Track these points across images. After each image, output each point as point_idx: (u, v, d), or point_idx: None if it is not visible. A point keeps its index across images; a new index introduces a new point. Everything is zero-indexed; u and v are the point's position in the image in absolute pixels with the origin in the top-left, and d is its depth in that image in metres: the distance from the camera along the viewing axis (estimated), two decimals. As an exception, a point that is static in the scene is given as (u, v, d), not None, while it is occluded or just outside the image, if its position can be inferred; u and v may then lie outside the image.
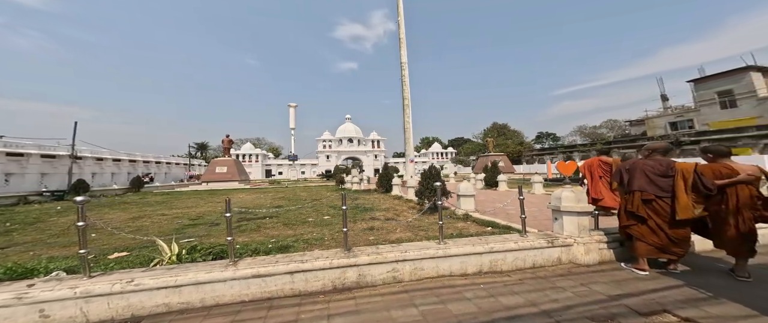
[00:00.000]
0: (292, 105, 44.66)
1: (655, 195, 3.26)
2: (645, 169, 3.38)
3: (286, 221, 6.82)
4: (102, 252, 4.23)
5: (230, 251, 2.99)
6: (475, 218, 6.18)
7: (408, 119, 21.25)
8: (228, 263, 2.96)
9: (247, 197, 14.17)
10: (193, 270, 2.81)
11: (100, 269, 3.14)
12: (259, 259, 3.14)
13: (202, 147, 69.06)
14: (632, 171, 3.47)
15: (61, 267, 3.03)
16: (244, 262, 3.02)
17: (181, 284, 2.68)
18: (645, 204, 3.29)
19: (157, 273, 2.76)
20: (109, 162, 30.97)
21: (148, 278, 2.65)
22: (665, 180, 3.25)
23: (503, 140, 56.73)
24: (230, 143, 29.89)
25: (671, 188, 3.18)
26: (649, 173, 3.34)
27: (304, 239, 4.89)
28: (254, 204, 10.90)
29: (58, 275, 2.83)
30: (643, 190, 3.31)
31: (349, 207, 9.02)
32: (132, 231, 6.14)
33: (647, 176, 3.33)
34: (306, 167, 61.59)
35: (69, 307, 2.44)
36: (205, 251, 3.46)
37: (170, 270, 2.87)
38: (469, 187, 6.80)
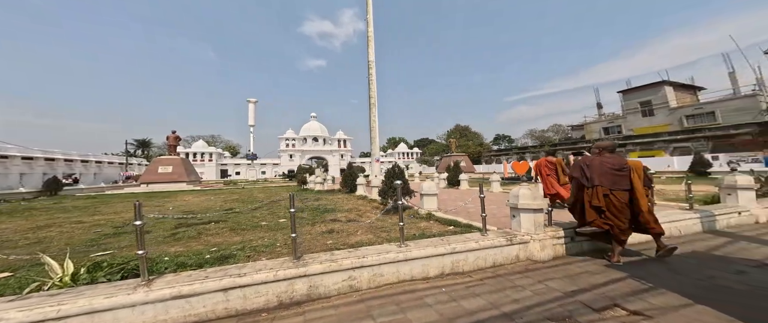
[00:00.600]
0: (252, 100, 41.73)
1: (610, 189, 3.59)
2: (603, 165, 3.68)
3: (234, 225, 6.10)
4: None
5: (142, 267, 2.40)
6: (437, 217, 6.12)
7: (374, 118, 21.04)
8: (139, 283, 2.38)
9: (194, 199, 12.69)
10: (88, 295, 2.19)
11: None
12: (183, 275, 2.59)
13: (143, 145, 61.27)
14: (592, 168, 3.72)
15: None
16: (163, 280, 2.46)
17: (68, 314, 2.05)
18: (604, 198, 3.59)
19: (32, 302, 2.09)
20: (16, 161, 25.80)
21: (14, 310, 1.98)
22: (621, 175, 3.59)
23: (465, 142, 59.62)
24: (177, 140, 26.76)
25: (627, 181, 3.56)
26: (608, 168, 3.65)
27: (253, 246, 4.34)
28: (201, 207, 9.72)
29: None
30: (603, 185, 3.60)
31: (310, 209, 8.48)
32: (28, 244, 4.94)
33: (606, 172, 3.63)
34: (267, 167, 58.14)
35: None
36: (114, 267, 2.79)
37: (54, 296, 2.20)
38: (432, 186, 6.75)
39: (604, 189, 3.58)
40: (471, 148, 56.36)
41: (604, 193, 3.59)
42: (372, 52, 21.04)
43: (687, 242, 4.39)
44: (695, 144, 27.69)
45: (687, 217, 4.89)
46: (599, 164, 3.70)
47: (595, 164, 3.72)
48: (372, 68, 20.83)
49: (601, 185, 3.61)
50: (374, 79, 20.51)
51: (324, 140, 63.60)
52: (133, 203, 2.40)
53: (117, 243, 4.78)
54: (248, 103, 41.78)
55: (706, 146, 26.89)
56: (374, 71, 20.85)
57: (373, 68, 20.78)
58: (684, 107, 31.42)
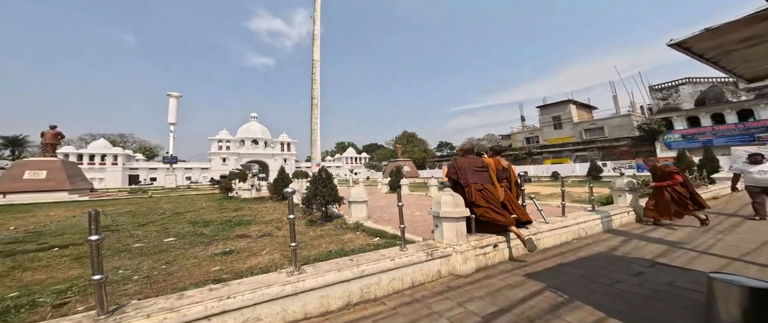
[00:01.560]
0: (174, 95, 35.75)
1: (483, 185, 4.00)
2: (471, 166, 4.11)
3: (84, 252, 4.45)
4: None
5: None
6: (365, 227, 5.50)
7: (316, 119, 19.81)
8: None
9: (59, 213, 9.68)
10: None
11: None
12: None
13: (13, 143, 47.20)
14: (464, 169, 4.11)
15: None
16: None
17: None
18: (479, 192, 3.96)
19: None
20: None
21: None
22: (484, 173, 4.11)
23: (411, 147, 61.69)
24: (56, 138, 20.99)
25: (488, 178, 4.10)
26: (474, 168, 4.10)
27: (82, 285, 3.01)
28: (65, 225, 7.28)
29: None
30: (475, 182, 4.01)
31: (219, 222, 7.03)
32: None
33: (474, 171, 4.08)
34: (193, 172, 50.65)
35: None
36: None
37: None
38: (361, 192, 6.13)
39: (478, 186, 3.99)
40: (416, 154, 58.52)
41: (478, 189, 3.99)
42: (317, 50, 19.94)
43: (593, 243, 4.61)
44: (590, 153, 33.48)
45: (591, 218, 5.22)
46: (467, 165, 4.12)
47: (464, 165, 4.12)
48: (316, 68, 19.70)
49: (475, 183, 4.01)
50: (318, 78, 19.40)
51: (265, 143, 58.55)
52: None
53: None
54: (169, 97, 35.66)
55: (598, 155, 32.74)
56: (318, 71, 19.74)
57: (317, 68, 19.67)
58: (583, 122, 37.89)
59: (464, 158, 4.26)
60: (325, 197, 6.30)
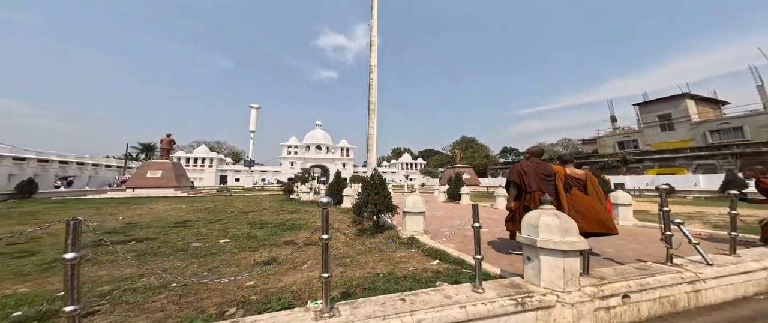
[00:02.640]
0: (254, 106, 41.16)
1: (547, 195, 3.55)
2: (538, 172, 3.87)
3: (154, 248, 4.67)
4: None
5: None
6: (421, 244, 4.59)
7: (372, 124, 19.77)
8: None
9: (161, 207, 11.37)
10: None
11: None
12: None
13: (147, 149, 61.27)
14: (530, 174, 3.88)
15: None
16: None
17: None
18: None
19: None
20: (7, 161, 25.22)
21: None
22: (550, 182, 3.83)
23: (470, 153, 57.79)
24: (170, 144, 25.90)
25: (553, 188, 3.78)
26: (542, 176, 3.85)
27: (111, 291, 2.89)
28: (152, 218, 8.36)
29: None
30: (540, 190, 3.74)
31: (273, 224, 7.03)
32: None
33: (541, 179, 3.85)
34: (267, 174, 57.20)
35: None
36: None
37: None
38: (418, 202, 5.23)
39: (540, 193, 3.67)
40: (476, 160, 54.44)
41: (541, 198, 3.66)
42: (374, 56, 20.02)
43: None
44: (722, 161, 25.40)
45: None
46: (533, 170, 3.90)
47: (529, 171, 3.90)
48: (373, 73, 19.76)
49: (539, 191, 3.75)
50: (375, 84, 19.40)
51: (327, 149, 62.67)
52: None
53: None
54: (251, 109, 41.20)
55: (734, 164, 24.59)
56: (375, 76, 19.77)
57: (374, 73, 19.72)
58: (708, 121, 29.20)
59: (530, 163, 4.05)
60: (377, 205, 5.63)
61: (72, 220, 1.49)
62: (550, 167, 3.93)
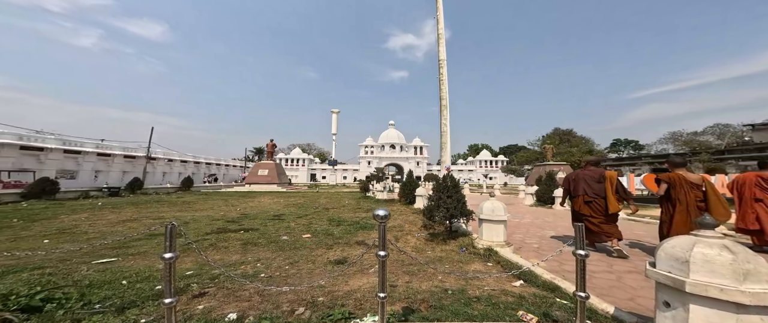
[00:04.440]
0: (335, 111, 45.59)
1: (593, 197, 4.35)
2: (587, 177, 4.48)
3: (254, 238, 5.53)
4: None
5: None
6: (501, 257, 3.97)
7: (445, 121, 19.03)
8: None
9: (266, 201, 13.71)
10: None
11: None
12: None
13: (259, 152, 75.91)
14: (577, 180, 4.57)
15: None
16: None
17: None
18: (587, 205, 4.38)
19: None
20: (177, 164, 35.28)
21: None
22: (599, 185, 4.36)
23: (567, 148, 48.81)
24: (273, 148, 31.23)
25: (603, 190, 4.31)
26: (592, 180, 4.42)
27: (219, 273, 3.42)
28: (259, 210, 10.10)
29: None
30: (585, 194, 4.40)
31: (348, 223, 7.43)
32: (90, 239, 5.54)
33: (589, 183, 4.42)
34: (348, 172, 62.44)
35: None
36: (23, 299, 2.18)
37: None
38: (497, 209, 4.55)
39: (587, 197, 4.36)
40: (575, 156, 45.65)
41: (586, 200, 4.40)
42: (443, 50, 19.25)
43: None
44: None
45: None
46: (581, 176, 4.52)
47: (578, 177, 4.55)
48: (443, 67, 19.02)
49: (584, 194, 4.39)
50: (445, 79, 18.61)
51: (400, 147, 63.95)
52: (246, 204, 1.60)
53: (139, 248, 4.74)
54: (332, 113, 45.80)
55: None
56: (445, 71, 18.99)
57: (444, 68, 18.96)
58: None
59: (582, 170, 4.64)
60: (450, 209, 5.20)
61: (169, 225, 1.77)
62: (601, 172, 4.45)
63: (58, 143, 23.69)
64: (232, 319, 2.30)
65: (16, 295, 2.25)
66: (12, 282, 2.81)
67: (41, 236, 5.74)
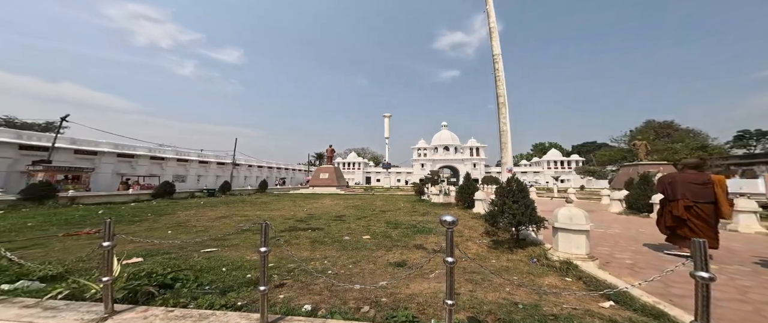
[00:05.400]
0: (387, 115, 46.62)
1: (694, 202, 4.18)
2: (686, 181, 4.31)
3: (320, 237, 6.00)
4: (126, 254, 4.38)
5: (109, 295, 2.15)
6: (583, 272, 3.47)
7: (504, 120, 17.75)
8: (100, 316, 2.10)
9: (327, 202, 14.78)
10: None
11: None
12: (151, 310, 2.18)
13: (320, 157, 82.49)
14: (675, 184, 4.39)
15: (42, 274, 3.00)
16: (130, 315, 2.11)
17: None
18: (686, 210, 4.20)
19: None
20: (255, 169, 40.78)
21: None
22: (704, 189, 4.17)
23: (667, 144, 39.91)
24: (332, 153, 33.56)
25: (711, 195, 4.14)
26: (691, 184, 4.25)
27: (293, 270, 3.78)
28: (322, 211, 10.93)
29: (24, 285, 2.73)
30: (685, 198, 4.23)
31: (405, 226, 7.47)
32: (198, 232, 6.79)
33: (690, 187, 4.24)
34: (402, 175, 62.92)
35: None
36: (153, 278, 2.82)
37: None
38: (578, 217, 3.99)
39: (687, 202, 4.19)
40: (681, 153, 36.97)
41: (687, 205, 4.21)
42: (496, 44, 18.09)
43: None
44: None
45: None
46: (680, 180, 4.38)
47: (676, 180, 4.42)
48: (498, 63, 17.87)
49: (684, 198, 4.23)
50: (501, 74, 17.44)
51: (455, 149, 61.62)
52: (309, 205, 2.19)
53: (232, 241, 5.61)
54: (384, 117, 46.95)
55: None
56: (501, 66, 17.79)
57: (499, 62, 17.79)
58: None
59: (680, 173, 4.54)
60: (517, 215, 4.78)
61: (264, 223, 2.06)
62: (706, 176, 4.30)
63: (173, 154, 29.96)
64: (307, 310, 2.54)
65: (155, 274, 2.90)
66: (151, 263, 3.63)
67: (166, 228, 7.29)
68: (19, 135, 20.65)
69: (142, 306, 2.27)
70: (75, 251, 4.65)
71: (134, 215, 9.55)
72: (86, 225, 7.33)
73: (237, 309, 2.44)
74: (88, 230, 6.54)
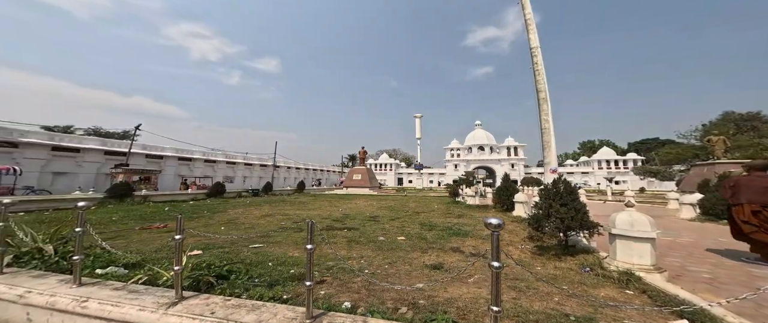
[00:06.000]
0: (417, 116, 46.15)
1: (762, 206, 4.06)
2: (753, 184, 4.15)
3: (356, 237, 6.14)
4: (190, 247, 4.91)
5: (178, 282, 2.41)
6: (648, 285, 3.08)
7: (546, 117, 16.69)
8: (172, 300, 2.37)
9: (361, 203, 15.07)
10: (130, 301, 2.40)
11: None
12: (213, 299, 2.41)
13: (352, 158, 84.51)
14: (739, 187, 4.24)
15: (125, 262, 3.50)
16: (195, 301, 2.36)
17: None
18: (754, 215, 4.04)
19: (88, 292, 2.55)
20: (293, 170, 43.13)
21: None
22: None
23: (753, 139, 33.66)
24: (365, 154, 34.16)
25: None
26: (756, 187, 4.12)
27: (331, 268, 3.90)
28: (356, 211, 11.17)
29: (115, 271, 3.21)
30: (752, 202, 4.10)
31: (440, 228, 7.32)
32: (247, 228, 7.38)
33: (756, 190, 4.08)
34: (434, 176, 61.79)
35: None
36: (213, 269, 3.14)
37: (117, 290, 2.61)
38: (641, 222, 3.55)
39: (755, 206, 4.06)
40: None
41: (755, 210, 4.08)
42: (534, 36, 17.07)
43: None
44: None
45: None
46: (745, 183, 4.23)
47: (740, 183, 4.27)
48: (536, 56, 16.85)
49: (751, 203, 4.10)
50: (541, 68, 16.39)
51: (490, 149, 58.84)
52: (343, 205, 2.47)
53: (275, 238, 6.00)
54: (415, 118, 46.53)
55: None
56: (540, 59, 16.75)
57: (538, 56, 16.76)
58: None
59: (745, 176, 4.40)
60: (565, 220, 4.41)
61: (309, 222, 2.17)
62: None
63: (223, 157, 33.02)
64: (347, 307, 2.61)
65: (213, 265, 3.22)
66: (209, 256, 4.03)
67: (219, 224, 8.05)
68: (104, 143, 24.41)
69: (204, 294, 2.53)
70: (148, 242, 5.35)
71: (193, 212, 10.69)
72: (156, 220, 8.38)
73: (283, 301, 2.60)
74: (158, 225, 7.48)
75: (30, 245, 3.56)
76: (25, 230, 3.77)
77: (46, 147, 20.60)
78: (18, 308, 2.51)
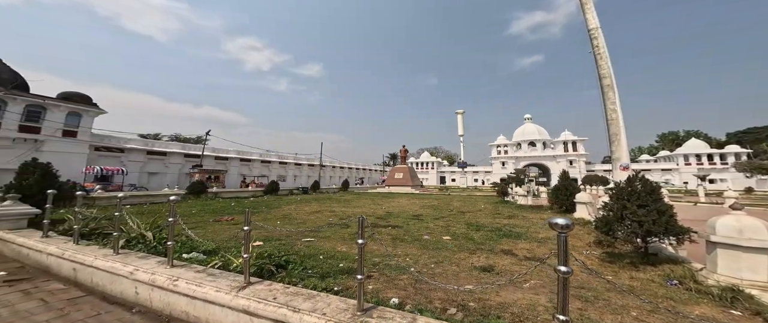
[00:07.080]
0: (459, 112, 44.34)
1: None
2: None
3: (400, 235, 6.17)
4: (253, 238, 5.44)
5: (246, 269, 2.69)
6: (762, 305, 2.49)
7: (612, 106, 14.74)
8: (241, 284, 2.65)
9: (404, 202, 15.08)
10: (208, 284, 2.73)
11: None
12: (263, 286, 2.63)
13: (393, 157, 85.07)
14: None
15: (204, 249, 4.05)
16: (255, 288, 2.61)
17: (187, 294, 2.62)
18: None
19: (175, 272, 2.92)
20: (337, 169, 45.16)
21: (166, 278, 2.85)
22: None
23: None
24: (406, 153, 34.15)
25: None
26: None
27: (378, 263, 3.96)
28: (399, 210, 11.22)
29: (194, 255, 3.75)
30: None
31: (492, 228, 6.94)
32: (299, 223, 7.95)
33: None
34: (479, 175, 58.76)
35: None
36: (274, 258, 3.46)
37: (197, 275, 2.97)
38: (755, 228, 2.86)
39: None
40: None
41: None
42: (592, 16, 15.15)
43: None
44: None
45: None
46: None
47: None
48: (597, 38, 14.94)
49: None
50: (604, 51, 14.49)
51: (543, 144, 53.69)
52: (386, 203, 2.73)
53: (325, 233, 6.35)
54: (457, 115, 44.76)
55: None
56: (602, 41, 14.80)
57: (598, 38, 14.85)
58: None
59: None
60: (644, 223, 3.79)
61: (360, 218, 2.25)
62: None
63: (276, 158, 36.17)
64: (395, 303, 2.63)
65: (273, 255, 3.54)
66: (269, 247, 4.44)
67: (275, 219, 8.83)
68: (184, 147, 28.75)
69: (266, 280, 2.80)
70: (220, 233, 6.12)
71: (253, 208, 11.92)
72: (225, 214, 9.56)
73: (334, 293, 2.73)
74: (227, 218, 8.51)
75: (136, 231, 4.36)
76: (132, 220, 4.63)
77: (143, 152, 25.15)
78: (129, 282, 3.08)
